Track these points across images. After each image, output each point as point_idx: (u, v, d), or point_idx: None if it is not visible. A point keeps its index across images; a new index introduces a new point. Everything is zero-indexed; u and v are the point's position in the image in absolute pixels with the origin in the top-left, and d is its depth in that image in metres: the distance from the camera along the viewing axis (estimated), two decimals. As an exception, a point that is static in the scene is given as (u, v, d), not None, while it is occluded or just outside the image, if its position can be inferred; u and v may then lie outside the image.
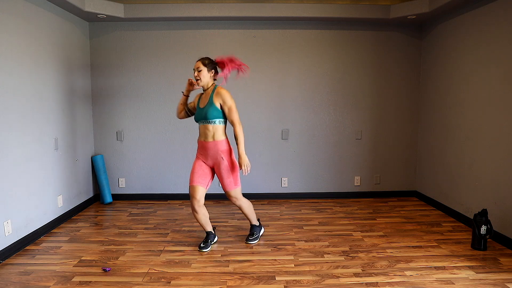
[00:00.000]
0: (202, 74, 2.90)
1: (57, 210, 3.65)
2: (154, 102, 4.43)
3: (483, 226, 2.96)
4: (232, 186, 3.01)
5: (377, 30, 4.43)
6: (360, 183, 4.64)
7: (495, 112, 3.21)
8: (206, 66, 2.91)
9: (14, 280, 2.53)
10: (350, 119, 4.53)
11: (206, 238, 3.12)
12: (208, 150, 2.96)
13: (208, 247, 3.06)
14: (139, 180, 4.55)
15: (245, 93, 4.42)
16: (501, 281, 2.50)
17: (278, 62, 4.42)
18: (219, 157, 2.95)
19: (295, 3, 4.08)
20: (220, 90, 2.91)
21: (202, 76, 2.90)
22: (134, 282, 2.49)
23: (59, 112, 3.71)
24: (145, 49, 4.36)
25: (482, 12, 3.38)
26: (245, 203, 3.15)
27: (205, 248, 3.03)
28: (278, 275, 2.59)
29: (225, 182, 2.99)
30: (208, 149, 2.96)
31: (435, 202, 4.20)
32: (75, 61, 4.04)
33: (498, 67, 3.18)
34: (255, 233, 3.23)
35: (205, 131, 2.95)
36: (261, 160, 4.54)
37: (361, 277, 2.56)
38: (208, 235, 3.13)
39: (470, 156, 3.57)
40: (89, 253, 2.98)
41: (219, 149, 2.94)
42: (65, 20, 3.81)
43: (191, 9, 4.05)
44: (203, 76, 2.90)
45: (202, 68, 2.90)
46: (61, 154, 3.74)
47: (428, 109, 4.36)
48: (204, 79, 2.91)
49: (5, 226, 2.89)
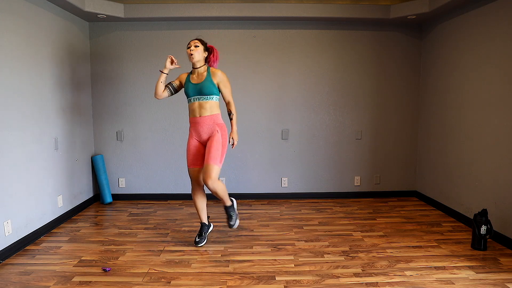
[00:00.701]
0: (198, 50, 2.97)
1: (57, 210, 3.65)
2: (154, 102, 4.43)
3: (483, 226, 2.96)
4: (216, 160, 2.91)
5: (377, 30, 4.43)
6: (360, 183, 4.64)
7: (495, 112, 3.21)
8: (202, 45, 3.01)
9: (14, 280, 2.53)
10: (350, 119, 4.53)
11: (200, 231, 3.16)
12: (203, 124, 2.99)
13: (204, 240, 3.10)
14: (139, 180, 4.55)
15: (245, 93, 4.42)
16: (501, 281, 2.49)
17: (278, 62, 4.42)
18: (215, 130, 2.99)
19: (295, 3, 4.08)
20: (216, 71, 3.01)
21: (197, 52, 2.97)
22: (134, 282, 2.49)
23: (59, 112, 3.71)
24: (145, 49, 4.36)
25: (482, 12, 3.38)
26: (220, 186, 2.97)
27: (200, 242, 3.08)
28: (278, 275, 2.59)
29: (212, 153, 2.91)
30: (203, 123, 2.99)
31: (435, 202, 4.20)
32: (75, 61, 4.03)
33: (498, 67, 3.18)
34: (232, 213, 3.14)
35: (200, 106, 2.99)
36: (261, 160, 4.54)
37: (361, 277, 2.56)
38: (202, 227, 3.16)
39: (470, 156, 3.57)
40: (89, 253, 2.98)
41: (215, 121, 3.00)
42: (65, 20, 3.81)
43: (191, 9, 4.05)
44: (198, 52, 2.97)
45: (199, 45, 2.99)
46: (61, 154, 3.74)
47: (428, 109, 4.36)
48: (198, 55, 2.98)
49: (5, 226, 2.89)
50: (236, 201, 3.41)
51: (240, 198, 4.57)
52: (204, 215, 3.17)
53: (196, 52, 2.96)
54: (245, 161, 4.54)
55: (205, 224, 3.19)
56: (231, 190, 4.56)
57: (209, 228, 3.26)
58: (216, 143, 2.95)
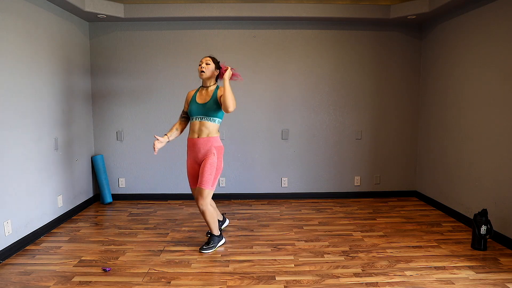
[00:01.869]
0: (209, 68, 2.99)
1: (57, 210, 3.65)
2: (154, 102, 4.43)
3: (483, 226, 2.96)
4: (208, 185, 2.90)
5: (377, 30, 4.43)
6: (360, 183, 4.64)
7: (495, 112, 3.21)
8: (214, 63, 3.03)
9: (14, 280, 2.53)
10: (350, 119, 4.53)
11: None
12: (200, 146, 2.96)
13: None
14: (139, 180, 4.55)
15: (245, 93, 4.42)
16: (501, 281, 2.49)
17: (278, 62, 4.42)
18: (211, 152, 2.96)
19: (295, 3, 4.08)
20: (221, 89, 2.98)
21: (207, 70, 2.98)
22: (134, 282, 2.49)
23: (59, 112, 3.71)
24: (145, 49, 4.36)
25: (482, 12, 3.38)
26: (209, 210, 2.96)
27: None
28: (278, 275, 2.59)
29: (205, 177, 2.90)
30: (199, 145, 2.96)
31: (435, 202, 4.20)
32: (75, 61, 4.03)
33: (498, 67, 3.18)
34: (212, 243, 3.04)
35: (201, 127, 2.97)
36: (261, 160, 4.54)
37: (361, 277, 2.56)
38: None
39: (470, 156, 3.57)
40: (89, 253, 2.98)
41: (213, 144, 2.97)
42: (65, 20, 3.81)
43: (191, 9, 4.05)
44: (208, 70, 2.98)
45: (211, 63, 3.01)
46: (61, 154, 3.74)
47: (428, 109, 4.36)
48: (208, 72, 2.99)
49: (5, 226, 2.89)
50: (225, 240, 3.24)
51: (240, 198, 4.57)
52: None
53: (207, 70, 2.97)
54: (245, 161, 4.54)
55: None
56: (231, 190, 4.57)
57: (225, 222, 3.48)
58: (210, 166, 2.92)
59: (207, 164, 2.93)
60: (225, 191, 4.57)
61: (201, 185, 2.91)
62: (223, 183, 4.56)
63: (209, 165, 2.93)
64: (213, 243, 3.05)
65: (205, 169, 2.92)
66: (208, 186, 2.91)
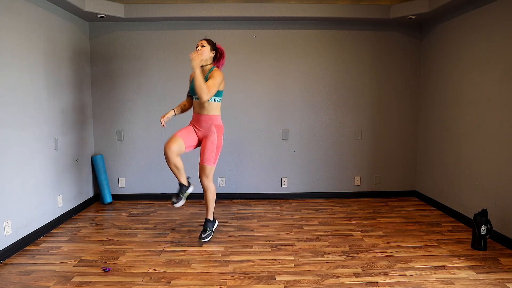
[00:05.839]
0: (204, 49, 3.06)
1: (57, 210, 3.65)
2: (154, 102, 4.43)
3: (483, 226, 2.96)
4: (210, 162, 3.10)
5: (377, 30, 4.43)
6: (360, 183, 4.64)
7: (495, 112, 3.21)
8: (209, 45, 3.11)
9: (14, 280, 2.53)
10: (350, 119, 4.53)
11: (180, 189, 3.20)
12: (202, 122, 3.13)
13: (180, 200, 3.17)
14: (139, 180, 4.55)
15: (245, 93, 4.42)
16: (501, 281, 2.50)
17: (278, 62, 4.42)
18: (211, 130, 3.10)
19: (295, 3, 4.08)
20: (215, 70, 3.07)
21: (203, 51, 3.04)
22: (134, 282, 2.49)
23: (59, 112, 3.71)
24: (145, 49, 4.36)
25: (482, 12, 3.38)
26: (212, 187, 3.18)
27: (176, 203, 3.16)
28: (278, 275, 2.59)
29: (206, 154, 3.09)
30: (201, 121, 3.13)
31: (435, 202, 4.20)
32: (75, 61, 4.03)
33: (498, 67, 3.18)
34: (208, 229, 3.22)
35: (200, 106, 3.11)
36: (261, 160, 4.54)
37: (361, 277, 2.56)
38: (181, 186, 3.21)
39: (470, 156, 3.57)
40: (89, 253, 2.98)
41: (213, 122, 3.11)
42: (65, 20, 3.81)
43: (191, 9, 4.05)
44: (204, 51, 3.05)
45: (206, 45, 3.09)
46: (61, 154, 3.74)
47: (428, 109, 4.36)
48: (205, 54, 3.05)
49: (5, 226, 2.89)
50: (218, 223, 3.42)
51: (240, 198, 4.57)
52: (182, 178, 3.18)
53: (202, 51, 3.04)
54: (245, 161, 4.54)
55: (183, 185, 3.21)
56: (231, 190, 4.57)
57: (188, 189, 3.23)
58: (211, 144, 3.10)
59: (208, 142, 3.10)
60: (225, 191, 4.57)
61: (203, 162, 3.10)
62: (223, 183, 4.56)
63: (210, 143, 3.09)
64: (209, 228, 3.23)
65: (206, 146, 3.10)
66: (210, 163, 3.10)
